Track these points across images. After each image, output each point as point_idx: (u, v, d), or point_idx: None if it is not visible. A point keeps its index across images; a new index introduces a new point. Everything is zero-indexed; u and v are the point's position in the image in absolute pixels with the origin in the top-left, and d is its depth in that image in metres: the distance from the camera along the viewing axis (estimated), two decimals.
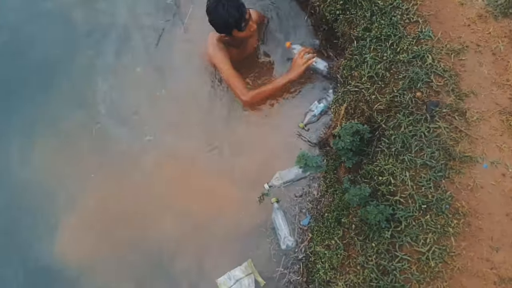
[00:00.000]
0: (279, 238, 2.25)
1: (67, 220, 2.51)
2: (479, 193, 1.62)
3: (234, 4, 2.11)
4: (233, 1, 2.12)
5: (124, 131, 2.66)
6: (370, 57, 1.92)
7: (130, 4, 2.99)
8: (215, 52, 2.39)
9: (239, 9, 2.12)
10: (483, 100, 1.71)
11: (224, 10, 2.10)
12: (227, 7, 2.09)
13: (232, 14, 2.10)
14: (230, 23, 2.15)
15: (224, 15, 2.11)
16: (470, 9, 1.85)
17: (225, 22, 2.15)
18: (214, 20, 2.18)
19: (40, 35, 2.97)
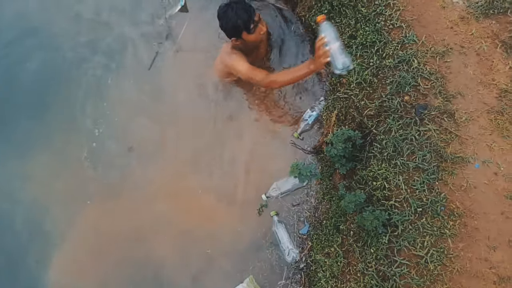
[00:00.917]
0: (283, 251, 2.24)
1: (63, 246, 2.51)
2: (473, 193, 1.63)
3: (243, 7, 2.15)
4: (242, 4, 2.16)
5: (119, 154, 2.67)
6: (357, 64, 1.94)
7: (124, 27, 3.01)
8: (230, 56, 2.38)
9: (248, 11, 2.15)
10: (470, 100, 1.73)
11: (233, 13, 2.14)
12: (236, 9, 2.14)
13: (241, 16, 2.14)
14: (240, 25, 2.17)
15: (233, 18, 2.15)
16: (452, 12, 1.87)
17: (235, 24, 2.17)
18: (224, 23, 2.21)
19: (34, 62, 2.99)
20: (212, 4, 2.90)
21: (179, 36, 2.89)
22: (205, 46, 2.81)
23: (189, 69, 2.78)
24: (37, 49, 2.99)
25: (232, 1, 2.16)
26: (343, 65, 1.75)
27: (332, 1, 2.06)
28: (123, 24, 2.99)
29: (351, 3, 2.00)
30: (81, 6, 3.09)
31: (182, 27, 2.90)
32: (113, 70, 2.88)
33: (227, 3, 2.16)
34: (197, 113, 2.67)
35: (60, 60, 2.92)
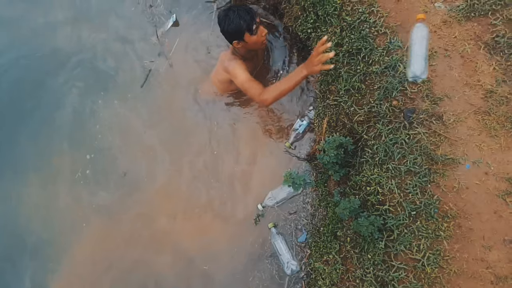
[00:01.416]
0: (282, 263, 2.24)
1: (59, 270, 2.50)
2: (465, 194, 1.64)
3: (244, 8, 2.18)
4: (242, 6, 2.20)
5: (114, 179, 2.68)
6: (345, 71, 1.97)
7: (116, 46, 3.04)
8: (231, 62, 2.37)
9: (250, 12, 2.18)
10: (457, 102, 1.75)
11: (235, 15, 2.16)
12: (237, 11, 2.16)
13: (243, 17, 2.15)
14: (242, 26, 2.17)
15: (236, 19, 2.16)
16: (435, 16, 1.91)
17: (237, 26, 2.18)
18: (226, 26, 2.21)
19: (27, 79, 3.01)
20: (201, 19, 2.94)
21: (172, 51, 2.91)
22: (197, 61, 2.84)
23: (182, 85, 2.80)
24: (25, 69, 3.00)
25: (232, 6, 2.20)
26: (419, 73, 1.67)
27: (317, 11, 2.09)
28: (115, 44, 3.01)
29: (336, 12, 2.03)
30: (72, 27, 3.12)
31: (174, 43, 2.93)
32: (105, 90, 2.89)
33: (228, 8, 2.19)
34: (190, 129, 2.68)
35: (50, 82, 2.94)
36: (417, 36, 1.71)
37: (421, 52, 1.70)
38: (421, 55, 1.70)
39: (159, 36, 2.94)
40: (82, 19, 3.12)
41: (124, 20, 3.06)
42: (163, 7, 3.00)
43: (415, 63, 1.70)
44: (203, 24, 2.96)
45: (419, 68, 1.68)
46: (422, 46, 1.71)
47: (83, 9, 3.17)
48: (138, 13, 3.06)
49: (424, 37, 1.71)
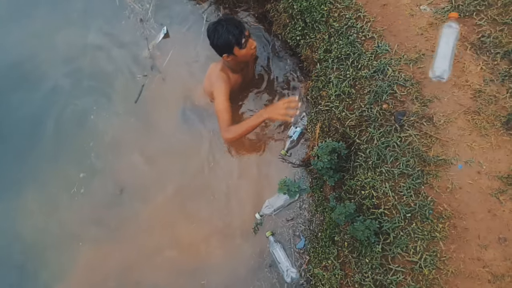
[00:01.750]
0: (282, 271, 2.24)
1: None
2: (459, 194, 1.65)
3: (232, 23, 2.18)
4: (231, 20, 2.20)
5: (110, 196, 2.67)
6: (334, 77, 1.98)
7: (108, 62, 3.04)
8: (217, 81, 2.40)
9: (239, 26, 2.18)
10: (446, 103, 1.77)
11: (224, 29, 2.16)
12: (226, 26, 2.17)
13: (232, 32, 2.16)
14: (231, 41, 2.19)
15: (224, 34, 2.17)
16: (421, 19, 1.93)
17: (226, 40, 2.19)
18: (215, 40, 2.22)
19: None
20: (192, 30, 2.96)
21: (164, 64, 2.92)
22: (190, 72, 2.85)
23: (176, 98, 2.80)
24: (20, 88, 3.00)
25: (221, 19, 2.20)
26: (441, 73, 1.73)
27: (305, 19, 2.11)
28: (106, 59, 3.02)
29: (323, 19, 2.05)
30: (62, 41, 3.14)
31: (166, 56, 2.93)
32: (99, 106, 2.89)
33: (217, 21, 2.20)
34: (185, 142, 2.69)
35: (42, 99, 2.94)
36: (447, 35, 1.74)
37: (447, 52, 1.74)
38: (447, 55, 1.73)
39: (151, 50, 2.95)
40: (72, 34, 3.12)
41: (115, 35, 3.07)
42: (153, 21, 3.02)
43: (439, 63, 1.74)
44: (194, 35, 2.97)
45: (442, 68, 1.72)
46: (449, 46, 1.74)
47: (73, 22, 3.17)
48: (129, 28, 3.07)
49: (454, 37, 1.74)
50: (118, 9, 3.11)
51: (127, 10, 3.08)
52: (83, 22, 3.14)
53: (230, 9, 2.79)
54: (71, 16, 3.17)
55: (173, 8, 3.07)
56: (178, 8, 3.06)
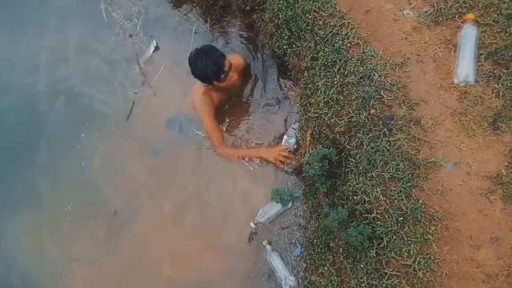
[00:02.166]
0: (280, 280, 2.23)
1: None
2: (449, 196, 1.66)
3: (212, 58, 2.17)
4: (211, 55, 2.17)
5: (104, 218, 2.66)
6: (322, 84, 2.00)
7: (100, 77, 3.04)
8: (200, 104, 2.45)
9: (217, 63, 2.17)
10: (433, 105, 1.79)
11: (202, 64, 2.16)
12: (205, 61, 2.15)
13: (210, 68, 2.16)
14: (210, 76, 2.21)
15: (203, 69, 2.18)
16: (404, 23, 1.96)
17: (205, 76, 2.21)
18: (194, 72, 2.25)
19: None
20: (182, 43, 2.97)
21: (156, 78, 2.92)
22: (182, 85, 2.85)
23: (167, 113, 2.80)
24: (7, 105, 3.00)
25: (202, 50, 2.18)
26: (465, 77, 1.75)
27: (291, 27, 2.13)
28: (96, 77, 3.02)
29: (308, 27, 2.07)
30: (53, 59, 3.14)
31: (157, 71, 2.94)
32: (91, 123, 2.89)
33: (197, 52, 2.18)
34: (178, 157, 2.68)
35: (34, 117, 2.94)
36: (466, 38, 1.76)
37: (470, 54, 1.76)
38: (470, 58, 1.76)
39: (141, 65, 2.95)
40: (62, 51, 3.13)
41: (105, 52, 3.07)
42: (142, 35, 3.03)
43: (464, 67, 1.76)
44: (185, 47, 2.98)
45: (468, 72, 1.74)
46: (471, 48, 1.76)
47: (63, 41, 3.18)
48: (118, 44, 3.07)
49: (474, 39, 1.76)
50: (107, 26, 3.12)
51: (116, 27, 3.09)
52: (72, 40, 3.14)
53: (217, 20, 2.81)
54: (59, 34, 3.17)
55: (161, 21, 3.09)
56: (167, 20, 3.08)
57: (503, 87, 1.75)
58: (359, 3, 2.03)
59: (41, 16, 3.24)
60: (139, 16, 3.07)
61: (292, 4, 2.12)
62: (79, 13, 3.20)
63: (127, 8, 3.12)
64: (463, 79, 1.77)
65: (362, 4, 2.03)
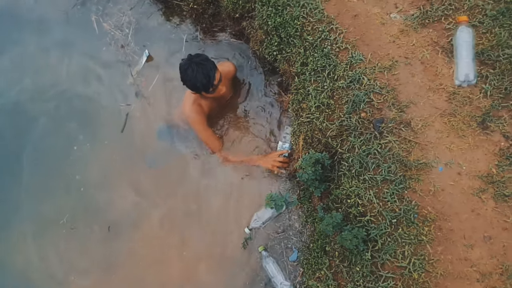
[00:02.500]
0: (276, 286, 2.23)
1: None
2: (442, 196, 1.68)
3: (203, 70, 2.15)
4: (203, 67, 2.16)
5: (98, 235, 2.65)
6: (313, 89, 2.02)
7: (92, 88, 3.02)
8: (190, 113, 2.45)
9: (207, 76, 2.16)
10: (423, 107, 1.81)
11: (193, 75, 2.15)
12: (196, 72, 2.15)
13: (199, 80, 2.16)
14: (198, 87, 2.21)
15: (192, 80, 2.17)
16: (392, 27, 1.98)
17: (194, 86, 2.21)
18: (184, 80, 2.24)
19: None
20: (173, 53, 2.98)
21: (150, 88, 2.91)
22: (174, 97, 2.84)
23: (160, 122, 2.81)
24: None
25: (194, 60, 2.18)
26: (465, 77, 1.77)
27: (280, 34, 2.15)
28: (89, 88, 3.00)
29: (297, 33, 2.09)
30: (44, 74, 3.12)
31: (150, 81, 2.92)
32: (84, 136, 2.87)
33: (189, 61, 2.18)
34: (172, 169, 2.68)
35: (28, 129, 2.93)
36: (462, 39, 1.79)
37: (468, 55, 1.78)
38: (468, 59, 1.78)
39: (134, 76, 2.95)
40: (52, 64, 3.11)
41: (97, 63, 3.06)
42: (134, 45, 3.03)
43: (463, 68, 1.78)
44: (177, 56, 2.97)
45: (468, 72, 1.76)
46: (468, 49, 1.78)
47: (54, 52, 3.16)
48: (110, 54, 3.07)
49: (470, 39, 1.79)
50: (98, 36, 3.12)
51: (107, 37, 3.10)
52: (63, 52, 3.13)
53: (207, 28, 2.82)
54: (51, 46, 3.17)
55: (153, 31, 3.08)
56: (158, 29, 3.08)
57: (490, 87, 1.77)
58: (347, 8, 2.05)
59: (30, 28, 3.24)
60: (130, 26, 3.07)
61: (280, 11, 2.14)
62: (70, 24, 3.20)
63: (118, 18, 3.12)
64: (464, 79, 1.78)
65: (350, 9, 2.05)
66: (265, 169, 2.48)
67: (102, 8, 3.19)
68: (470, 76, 1.77)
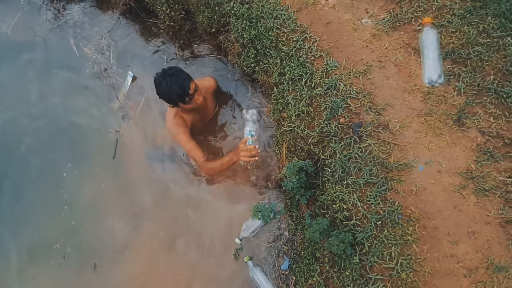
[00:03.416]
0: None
1: None
2: (424, 195, 1.70)
3: (176, 81, 2.17)
4: (176, 78, 2.18)
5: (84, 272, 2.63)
6: (292, 98, 2.04)
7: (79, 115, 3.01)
8: (173, 127, 2.45)
9: (181, 86, 2.17)
10: (399, 109, 1.84)
11: (167, 86, 2.16)
12: (169, 84, 2.16)
13: (174, 91, 2.17)
14: (174, 99, 2.22)
15: (167, 92, 2.18)
16: (364, 32, 2.02)
17: (169, 98, 2.22)
18: (159, 94, 2.25)
19: None
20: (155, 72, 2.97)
21: (137, 112, 2.91)
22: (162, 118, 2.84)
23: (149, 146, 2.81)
24: None
25: (167, 72, 2.20)
26: (436, 78, 1.79)
27: (256, 46, 2.18)
28: (76, 115, 2.99)
29: (273, 44, 2.12)
30: (28, 101, 3.11)
31: (138, 104, 2.92)
32: (72, 164, 2.85)
33: (163, 73, 2.20)
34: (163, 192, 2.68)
35: (16, 160, 2.90)
36: (427, 41, 1.82)
37: (434, 55, 1.81)
38: (435, 58, 1.81)
39: (122, 99, 2.92)
40: (35, 91, 3.10)
41: (82, 88, 3.05)
42: (116, 67, 3.02)
43: (430, 68, 1.81)
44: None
45: (435, 73, 1.79)
46: (434, 50, 1.81)
47: (35, 80, 3.15)
48: (94, 79, 3.06)
49: (435, 40, 1.82)
50: (80, 61, 3.10)
51: (89, 61, 3.09)
52: (45, 79, 3.11)
53: (185, 44, 2.84)
54: (32, 73, 3.15)
55: (132, 51, 3.08)
56: (138, 50, 3.09)
57: (463, 85, 1.81)
58: (319, 16, 2.09)
59: (9, 57, 3.23)
60: (109, 48, 3.08)
61: (255, 23, 2.17)
62: (49, 50, 3.20)
63: (97, 41, 3.12)
64: (431, 80, 1.82)
65: (322, 17, 2.09)
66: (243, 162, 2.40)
67: (80, 31, 3.19)
68: (437, 76, 1.81)
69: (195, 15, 2.58)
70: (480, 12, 1.90)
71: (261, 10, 2.19)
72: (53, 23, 3.26)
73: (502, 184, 1.65)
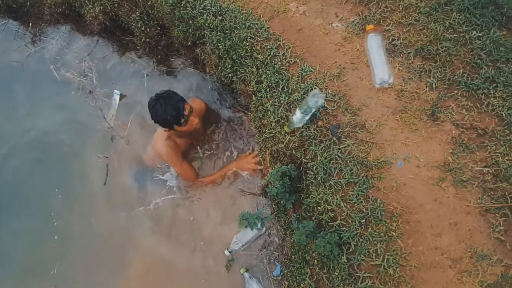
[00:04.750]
0: None
1: None
2: (404, 190, 1.73)
3: (171, 103, 2.16)
4: (170, 100, 2.17)
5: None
6: (270, 105, 2.07)
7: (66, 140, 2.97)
8: (165, 149, 2.45)
9: (176, 108, 2.17)
10: (374, 108, 1.88)
11: (162, 109, 2.16)
12: (164, 106, 2.15)
13: (169, 113, 2.16)
14: (170, 121, 2.21)
15: (163, 114, 2.17)
16: (335, 36, 2.07)
17: (164, 120, 2.21)
18: (154, 117, 2.24)
19: None
20: (140, 89, 2.98)
21: (125, 133, 2.88)
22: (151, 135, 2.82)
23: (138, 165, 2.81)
24: None
25: (161, 95, 2.20)
26: (387, 78, 1.88)
27: (232, 56, 2.21)
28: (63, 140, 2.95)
29: (248, 54, 2.15)
30: (13, 129, 3.07)
31: (126, 124, 2.90)
32: (61, 191, 2.82)
33: (157, 97, 2.20)
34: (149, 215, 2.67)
35: (6, 187, 2.87)
36: (373, 46, 1.93)
37: (381, 59, 1.91)
38: (382, 62, 1.91)
39: (111, 119, 2.89)
40: (19, 119, 3.06)
41: (68, 113, 3.01)
42: (100, 89, 2.99)
43: (379, 70, 1.91)
44: (142, 92, 2.97)
45: (384, 74, 1.88)
46: (380, 53, 1.92)
47: (20, 107, 3.11)
48: (80, 103, 3.02)
49: (379, 45, 1.93)
50: (63, 85, 3.06)
51: (73, 85, 3.05)
52: (30, 106, 3.08)
53: (163, 59, 2.86)
54: (17, 102, 3.12)
55: (114, 70, 3.05)
56: (118, 69, 3.06)
57: (434, 80, 1.86)
58: (290, 23, 2.14)
59: None
60: (91, 70, 3.07)
61: (229, 34, 2.20)
62: (30, 77, 3.17)
63: (77, 65, 3.11)
64: (383, 80, 1.90)
65: (294, 24, 2.13)
66: (245, 173, 2.49)
67: (58, 56, 3.17)
68: (386, 78, 1.88)
69: (170, 30, 2.60)
70: (445, 9, 1.97)
71: (234, 21, 2.22)
72: (31, 48, 3.25)
73: (479, 174, 1.70)
